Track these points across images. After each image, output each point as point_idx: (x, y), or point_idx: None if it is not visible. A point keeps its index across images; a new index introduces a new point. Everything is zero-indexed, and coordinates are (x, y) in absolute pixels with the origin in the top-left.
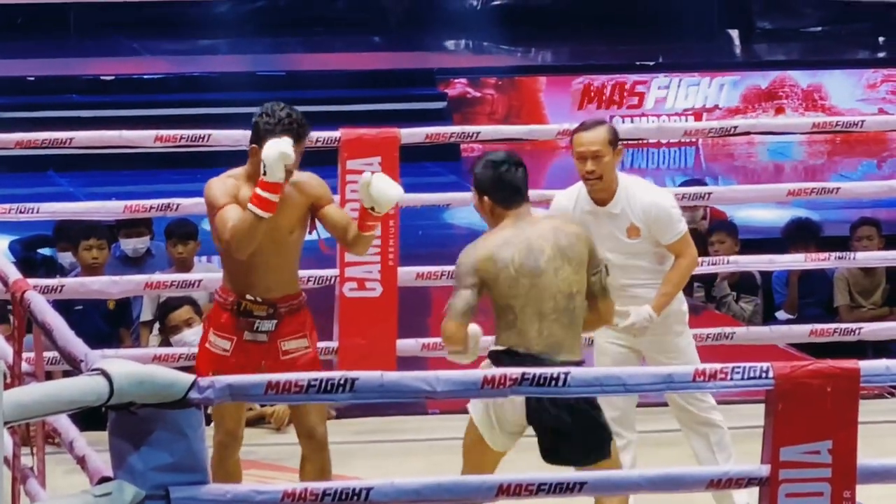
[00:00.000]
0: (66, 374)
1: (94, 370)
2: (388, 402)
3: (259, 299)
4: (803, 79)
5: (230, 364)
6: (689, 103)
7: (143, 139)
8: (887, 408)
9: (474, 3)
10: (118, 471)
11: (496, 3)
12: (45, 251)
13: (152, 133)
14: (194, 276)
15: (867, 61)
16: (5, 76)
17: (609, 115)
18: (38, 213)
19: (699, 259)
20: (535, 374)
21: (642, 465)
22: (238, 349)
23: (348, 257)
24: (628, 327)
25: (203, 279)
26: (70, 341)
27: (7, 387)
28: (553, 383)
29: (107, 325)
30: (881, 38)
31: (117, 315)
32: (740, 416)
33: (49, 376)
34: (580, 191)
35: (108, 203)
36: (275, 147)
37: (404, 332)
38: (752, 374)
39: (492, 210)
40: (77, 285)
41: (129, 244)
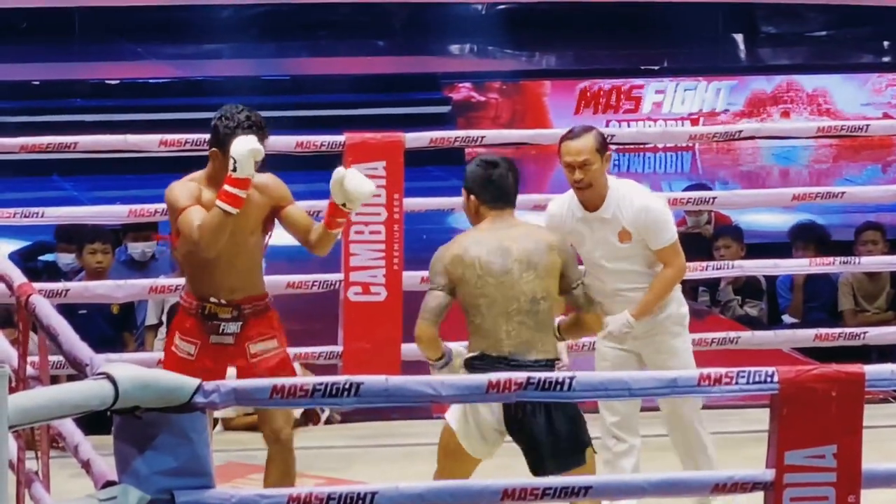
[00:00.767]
0: (70, 378)
1: (99, 374)
2: (392, 407)
3: (223, 301)
4: (808, 83)
5: (195, 368)
6: (694, 107)
7: (148, 143)
8: (892, 412)
9: (479, 7)
10: (123, 475)
11: (501, 7)
12: (47, 257)
13: (157, 137)
14: None
15: (872, 66)
16: (10, 80)
17: (606, 120)
18: (42, 217)
19: (704, 263)
20: (540, 379)
21: (646, 470)
22: (203, 353)
23: (353, 261)
24: (607, 335)
25: None
26: (75, 345)
27: (12, 391)
28: (558, 387)
29: (111, 329)
30: (886, 43)
31: (122, 319)
32: (745, 420)
33: (54, 380)
34: (571, 198)
35: (113, 207)
36: (245, 144)
37: (409, 336)
38: (757, 379)
39: (476, 210)
40: (81, 289)
41: (138, 248)
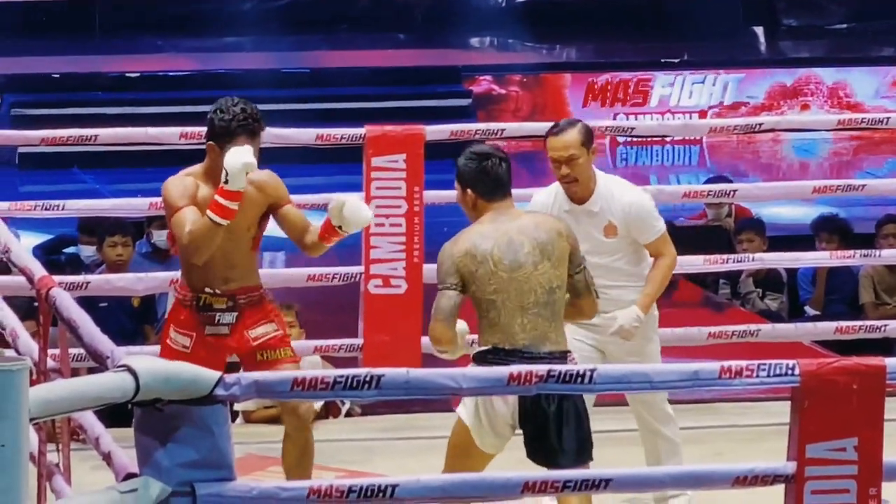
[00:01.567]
0: (91, 370)
1: (120, 367)
2: (413, 399)
3: (218, 292)
4: (828, 76)
5: (191, 360)
6: (702, 100)
7: (169, 136)
8: None
9: (499, 0)
10: (144, 467)
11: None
12: (70, 250)
13: (177, 130)
14: None
15: (892, 58)
16: (31, 73)
17: (613, 114)
18: (63, 210)
19: (724, 256)
20: (561, 371)
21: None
22: (199, 345)
23: (373, 254)
24: (617, 331)
25: None
26: (96, 338)
27: (33, 383)
28: (579, 380)
29: (132, 321)
30: None
31: (142, 312)
32: (766, 413)
33: (75, 373)
34: (559, 190)
35: (134, 200)
36: (238, 157)
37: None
38: (777, 372)
39: (474, 203)
40: (102, 282)
41: (164, 235)
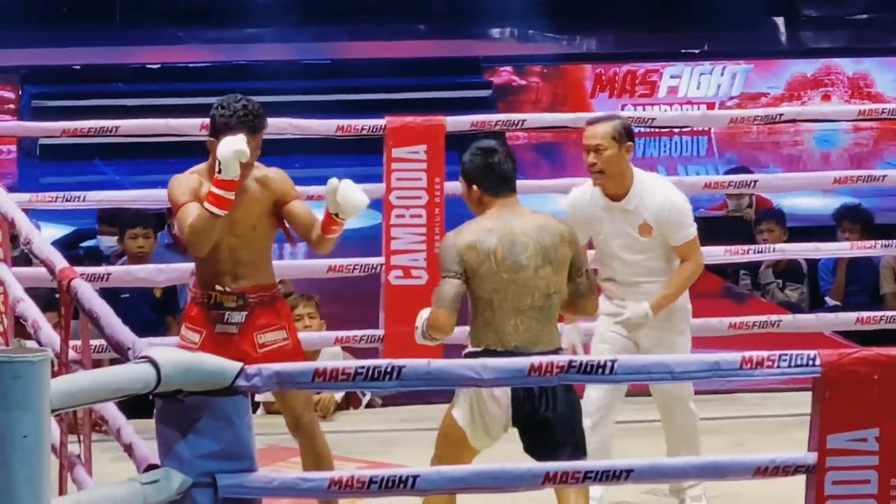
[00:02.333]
0: (113, 361)
1: (142, 358)
2: (434, 390)
3: (228, 290)
4: (849, 66)
5: None
6: (710, 91)
7: (189, 127)
8: None
9: None
10: (165, 458)
11: None
12: (89, 243)
13: (198, 121)
14: None
15: None
16: (52, 65)
17: (621, 105)
18: (84, 201)
19: (745, 247)
20: (581, 362)
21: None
22: (208, 341)
23: (394, 245)
24: (623, 322)
25: None
26: (117, 329)
27: (54, 374)
28: (600, 371)
29: (153, 313)
30: None
31: (164, 303)
32: (787, 403)
33: (96, 364)
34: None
35: (155, 191)
36: (229, 145)
37: None
38: (798, 362)
39: (479, 199)
40: (123, 273)
41: None
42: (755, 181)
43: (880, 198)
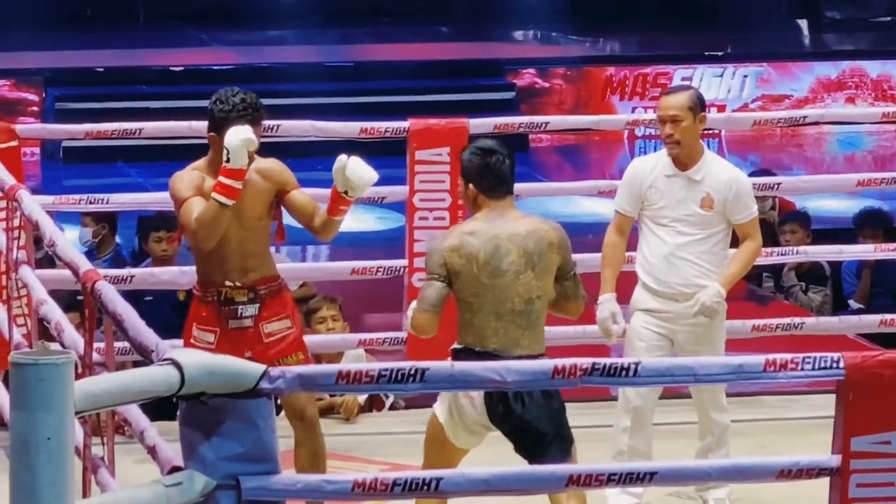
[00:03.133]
0: (136, 364)
1: (165, 360)
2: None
3: (238, 284)
4: (872, 69)
5: None
6: (721, 94)
7: None
8: None
9: None
10: (189, 460)
11: None
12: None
13: None
14: None
15: None
16: (75, 67)
17: (632, 107)
18: (107, 203)
19: (769, 249)
20: (605, 364)
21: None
22: (223, 340)
23: (417, 248)
24: (701, 310)
25: None
26: (141, 331)
27: (78, 377)
28: (624, 373)
29: (176, 315)
30: None
31: (187, 306)
32: (811, 406)
33: (120, 366)
34: (662, 156)
35: None
36: (237, 134)
37: None
38: (822, 365)
39: (475, 199)
40: (147, 276)
41: None
42: (778, 184)
43: None
